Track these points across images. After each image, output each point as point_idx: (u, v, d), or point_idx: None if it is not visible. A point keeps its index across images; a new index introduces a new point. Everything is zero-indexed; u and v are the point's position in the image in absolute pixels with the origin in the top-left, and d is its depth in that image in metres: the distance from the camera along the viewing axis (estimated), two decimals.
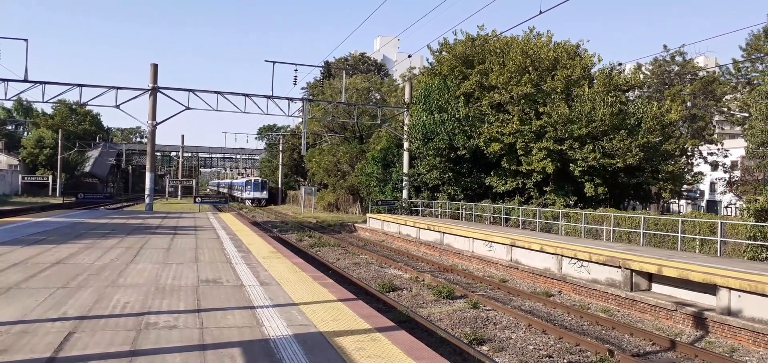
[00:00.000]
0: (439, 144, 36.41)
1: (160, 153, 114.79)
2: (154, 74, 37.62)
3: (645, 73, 48.40)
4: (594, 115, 30.18)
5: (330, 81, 70.24)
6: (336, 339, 7.18)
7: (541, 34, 36.95)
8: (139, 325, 7.68)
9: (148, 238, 19.44)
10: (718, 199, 69.15)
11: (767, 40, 40.50)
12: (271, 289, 10.34)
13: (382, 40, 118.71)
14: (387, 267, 23.40)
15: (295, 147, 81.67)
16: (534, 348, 12.04)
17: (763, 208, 19.53)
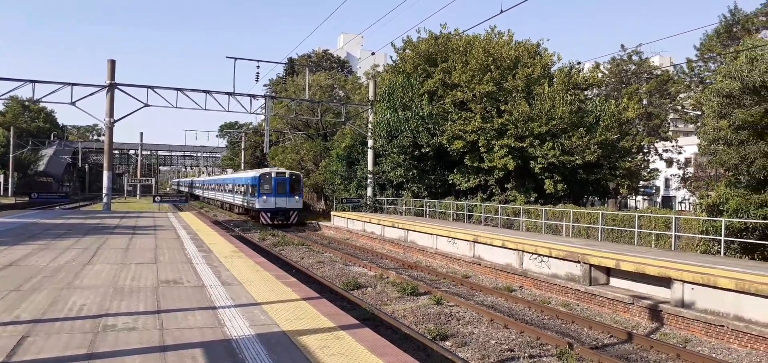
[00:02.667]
0: (404, 142, 36.55)
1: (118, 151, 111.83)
2: (112, 71, 36.71)
3: (603, 72, 49.48)
4: (554, 113, 30.73)
5: (293, 78, 69.66)
6: (299, 338, 7.16)
7: (503, 33, 37.43)
8: (96, 327, 7.50)
9: (105, 238, 18.98)
10: (672, 195, 71.29)
11: (719, 42, 41.87)
12: (233, 289, 10.23)
13: (346, 37, 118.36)
14: (352, 265, 23.39)
15: (257, 144, 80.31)
16: (496, 342, 12.22)
17: (714, 203, 20.21)
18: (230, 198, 55.78)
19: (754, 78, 18.58)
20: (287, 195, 41.52)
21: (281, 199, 41.39)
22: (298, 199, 42.29)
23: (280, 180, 41.60)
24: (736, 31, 40.98)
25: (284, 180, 41.85)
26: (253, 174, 44.48)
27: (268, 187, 41.11)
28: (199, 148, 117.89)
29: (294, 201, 41.91)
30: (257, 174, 42.11)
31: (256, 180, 41.44)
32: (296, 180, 42.64)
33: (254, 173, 43.98)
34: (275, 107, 56.07)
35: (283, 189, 41.64)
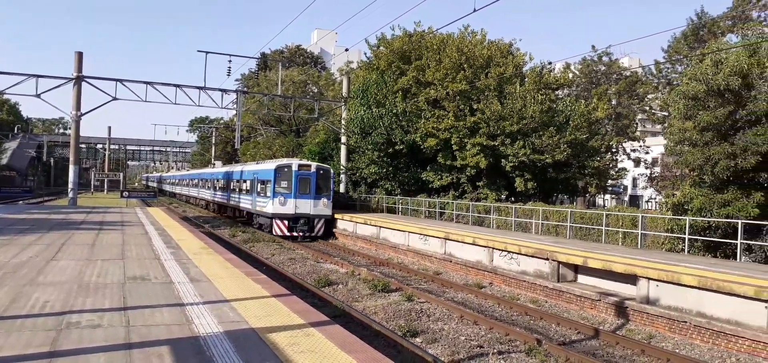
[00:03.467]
0: (377, 138, 36.56)
1: (84, 145, 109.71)
2: (79, 63, 35.91)
3: (574, 73, 50.21)
4: (525, 112, 31.07)
5: (265, 73, 69.11)
6: (269, 335, 7.10)
7: (476, 32, 37.68)
8: (59, 324, 7.34)
9: (71, 233, 18.57)
10: (640, 193, 72.74)
11: (686, 44, 42.82)
12: (201, 286, 10.10)
13: (320, 33, 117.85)
14: (323, 262, 23.32)
15: (229, 140, 79.40)
16: (465, 338, 12.31)
17: (679, 202, 20.69)
18: (222, 198, 44.87)
19: (719, 81, 19.04)
20: (312, 196, 30.63)
21: (304, 202, 30.57)
22: (327, 203, 31.26)
23: (303, 175, 30.60)
24: (702, 35, 41.98)
25: (309, 176, 30.72)
26: (264, 166, 33.92)
27: (286, 184, 30.31)
28: (169, 143, 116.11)
29: (321, 205, 30.95)
30: (272, 166, 31.44)
31: (271, 175, 30.77)
32: (325, 176, 31.60)
33: (266, 165, 33.69)
34: (247, 102, 55.57)
35: (307, 188, 30.65)
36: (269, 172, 31.36)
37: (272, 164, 32.11)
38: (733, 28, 38.20)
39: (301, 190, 30.51)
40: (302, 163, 31.91)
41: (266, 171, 32.21)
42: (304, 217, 30.53)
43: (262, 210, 32.25)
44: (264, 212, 32.01)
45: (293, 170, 30.57)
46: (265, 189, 31.65)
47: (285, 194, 30.34)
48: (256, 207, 33.68)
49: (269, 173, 31.25)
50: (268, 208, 31.04)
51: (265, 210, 31.66)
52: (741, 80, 18.85)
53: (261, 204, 32.65)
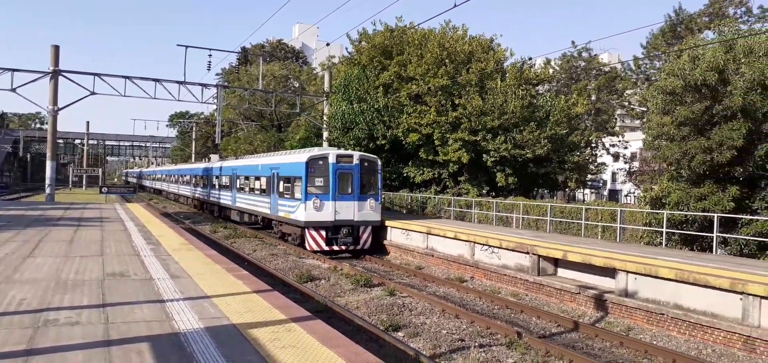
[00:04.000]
0: (359, 134, 36.50)
1: (62, 140, 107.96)
2: (55, 56, 35.33)
3: (554, 68, 50.57)
4: (506, 107, 31.25)
5: (246, 67, 68.59)
6: (250, 331, 7.09)
7: (457, 27, 37.78)
8: (36, 322, 7.25)
9: (48, 230, 18.31)
10: (619, 188, 73.63)
11: (664, 40, 43.39)
12: (182, 282, 10.04)
13: (301, 27, 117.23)
14: (305, 257, 23.26)
15: (209, 135, 78.73)
16: (447, 332, 12.39)
17: (657, 196, 20.97)
18: (227, 198, 36.53)
19: (696, 76, 19.32)
20: (356, 196, 23.81)
21: (346, 206, 23.59)
22: (375, 205, 24.30)
23: (343, 169, 23.69)
24: (680, 31, 42.58)
25: (350, 170, 23.83)
26: (288, 158, 26.59)
27: (321, 182, 23.47)
28: (149, 138, 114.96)
29: (367, 208, 24.07)
30: (302, 158, 24.09)
31: (301, 169, 23.65)
32: (370, 169, 24.59)
33: (292, 157, 26.50)
34: (228, 97, 55.16)
35: (349, 186, 23.84)
36: (298, 166, 24.02)
37: (302, 155, 24.51)
38: (710, 25, 38.80)
39: (341, 188, 23.50)
40: (341, 153, 24.47)
41: (293, 165, 24.85)
42: (347, 225, 23.46)
43: (289, 217, 24.57)
44: (292, 220, 24.36)
45: (330, 163, 23.38)
46: (292, 188, 24.44)
47: (321, 195, 23.15)
48: (279, 212, 25.91)
49: (298, 168, 24.01)
50: (299, 214, 23.48)
51: (294, 217, 24.01)
52: (717, 76, 19.15)
53: (286, 208, 25.00)
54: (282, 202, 25.62)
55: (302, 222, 23.33)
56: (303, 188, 23.32)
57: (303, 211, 23.22)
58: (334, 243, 23.31)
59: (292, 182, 24.53)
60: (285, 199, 25.26)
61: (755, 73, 18.17)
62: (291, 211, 24.49)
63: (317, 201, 23.04)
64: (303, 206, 23.26)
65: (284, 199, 25.32)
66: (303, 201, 23.25)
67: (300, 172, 23.79)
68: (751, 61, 18.70)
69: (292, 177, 24.62)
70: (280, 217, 25.88)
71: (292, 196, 24.47)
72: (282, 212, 25.62)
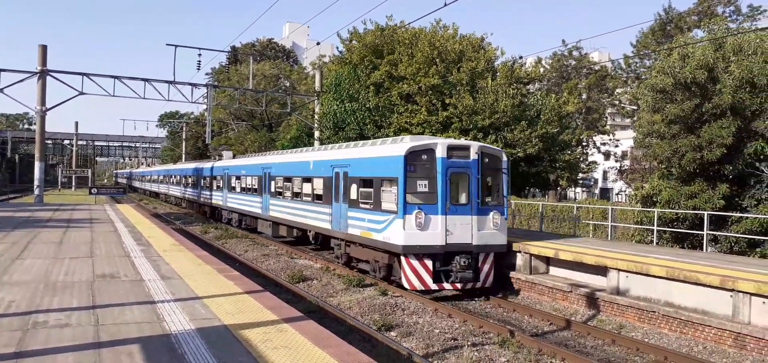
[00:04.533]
0: (350, 133, 36.43)
1: (51, 141, 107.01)
2: (43, 56, 35.01)
3: (545, 67, 50.76)
4: (497, 106, 31.30)
5: (236, 67, 68.37)
6: (241, 332, 7.04)
7: (448, 26, 37.79)
8: (25, 324, 7.17)
9: (37, 231, 18.14)
10: (610, 186, 74.04)
11: (654, 39, 43.63)
12: (173, 284, 9.96)
13: (291, 27, 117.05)
14: (297, 257, 23.18)
15: (199, 135, 78.34)
16: (440, 331, 12.38)
17: (648, 194, 21.10)
18: (251, 204, 29.37)
19: (686, 74, 19.44)
20: (474, 209, 16.05)
21: (461, 221, 15.90)
22: (499, 221, 16.46)
23: (457, 167, 16.07)
24: (669, 30, 42.81)
25: (467, 168, 16.18)
26: (370, 151, 18.28)
27: (426, 185, 15.82)
28: (139, 139, 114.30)
29: (489, 226, 16.30)
30: (399, 150, 16.07)
31: (397, 166, 15.80)
32: (493, 166, 16.80)
33: (378, 150, 17.84)
34: (218, 96, 54.89)
35: (463, 192, 16.31)
36: (392, 162, 15.97)
37: (397, 146, 16.42)
38: (700, 24, 39.04)
39: (453, 196, 15.83)
40: (454, 143, 16.53)
41: (381, 160, 16.81)
42: (463, 251, 15.57)
43: (372, 237, 16.63)
44: (379, 242, 16.31)
45: (438, 157, 15.55)
46: (377, 195, 16.46)
47: (425, 206, 15.36)
48: (351, 229, 17.96)
49: (392, 164, 15.97)
50: (391, 233, 15.61)
51: (383, 237, 16.00)
52: (707, 74, 19.29)
53: (366, 224, 17.02)
54: (357, 215, 17.53)
55: (398, 245, 15.17)
56: (400, 195, 15.22)
57: (399, 230, 15.12)
58: (444, 278, 15.39)
59: (377, 185, 16.50)
60: (363, 211, 17.13)
61: (744, 71, 18.31)
62: (376, 229, 16.31)
63: (420, 214, 15.09)
64: (399, 222, 15.14)
65: (361, 209, 17.24)
66: (400, 214, 15.11)
67: (395, 171, 15.61)
68: (740, 59, 18.84)
69: (378, 178, 16.53)
70: (353, 236, 17.83)
71: (376, 206, 16.47)
72: (357, 229, 17.53)
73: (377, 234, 16.31)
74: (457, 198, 15.94)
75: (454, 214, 15.61)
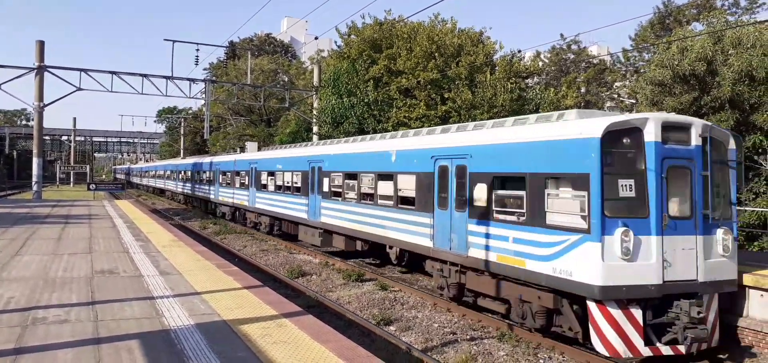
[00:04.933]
0: (349, 128, 36.43)
1: (49, 137, 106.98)
2: (40, 52, 34.96)
3: (543, 61, 50.72)
4: (495, 100, 31.29)
5: (235, 62, 68.26)
6: (241, 327, 7.05)
7: (446, 20, 37.76)
8: (25, 320, 7.17)
9: (36, 228, 18.14)
10: None
11: (653, 32, 43.59)
12: (172, 279, 9.97)
13: (289, 21, 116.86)
14: (296, 253, 23.19)
15: (197, 130, 78.30)
16: (439, 326, 12.40)
17: None
18: (296, 207, 23.30)
19: (684, 67, 19.44)
20: (700, 225, 10.21)
21: (683, 243, 10.03)
22: (730, 242, 10.53)
23: (677, 156, 10.12)
24: (668, 23, 42.77)
25: (689, 158, 10.23)
26: (536, 132, 11.47)
27: (631, 187, 9.88)
28: (137, 134, 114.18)
29: (718, 250, 10.45)
30: (594, 131, 9.80)
31: (587, 155, 9.78)
32: (718, 156, 10.81)
33: (552, 130, 11.01)
34: (216, 92, 54.88)
35: (684, 197, 10.30)
36: (573, 148, 10.29)
37: (580, 125, 10.47)
38: (699, 17, 39.03)
39: (672, 206, 10.28)
40: (670, 119, 10.52)
41: (543, 146, 11.06)
42: (687, 291, 10.05)
43: (536, 267, 10.84)
44: (546, 275, 10.61)
45: (648, 142, 10.01)
46: (539, 202, 10.83)
47: (633, 221, 9.77)
48: (471, 249, 12.67)
49: (571, 151, 10.32)
50: (574, 263, 10.01)
51: (556, 270, 10.36)
52: (706, 66, 19.28)
53: (517, 245, 11.35)
54: (487, 231, 12.10)
55: (591, 285, 9.70)
56: (594, 204, 9.72)
57: (592, 260, 9.71)
58: (656, 336, 9.99)
59: (535, 187, 10.91)
60: (501, 225, 11.71)
61: (743, 63, 18.31)
62: (535, 254, 10.85)
63: (627, 234, 9.68)
64: (592, 248, 9.73)
65: (497, 223, 11.83)
66: (594, 234, 9.69)
67: (580, 164, 10.13)
68: (739, 52, 18.84)
69: (536, 175, 10.94)
70: (476, 260, 12.41)
71: (533, 219, 10.91)
72: (485, 251, 12.17)
73: (537, 263, 10.64)
74: (677, 208, 10.30)
75: (672, 233, 9.94)
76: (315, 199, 21.24)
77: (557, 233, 10.25)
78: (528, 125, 12.62)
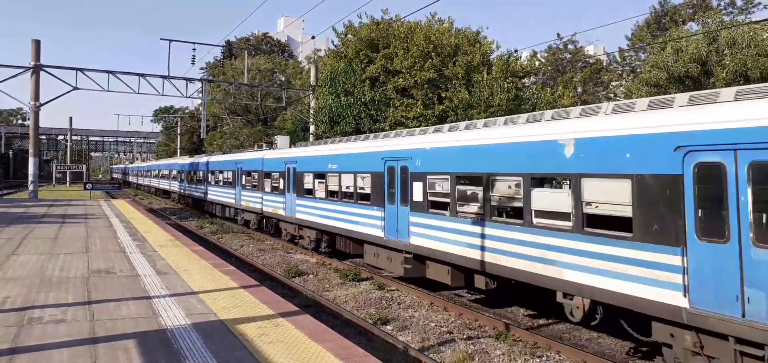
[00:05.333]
0: (346, 128, 36.45)
1: (45, 136, 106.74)
2: (36, 51, 34.89)
3: (540, 61, 50.80)
4: (492, 100, 31.34)
5: (231, 61, 68.22)
6: (237, 326, 7.05)
7: (443, 20, 37.80)
8: (21, 320, 7.16)
9: (32, 227, 18.10)
10: None
11: (649, 32, 43.71)
12: (168, 279, 9.97)
13: (286, 21, 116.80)
14: (293, 252, 23.19)
15: (194, 130, 78.17)
16: (435, 325, 12.42)
17: None
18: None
19: (679, 68, 19.51)
20: None
21: None
22: None
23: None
24: (664, 23, 42.90)
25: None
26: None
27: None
28: (133, 134, 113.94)
29: None
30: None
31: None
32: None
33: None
34: (213, 91, 54.81)
35: None
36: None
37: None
38: (694, 17, 39.14)
39: None
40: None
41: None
42: None
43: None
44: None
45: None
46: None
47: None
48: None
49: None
50: None
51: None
52: (700, 67, 19.35)
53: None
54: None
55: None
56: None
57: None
58: None
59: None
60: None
61: (738, 64, 18.39)
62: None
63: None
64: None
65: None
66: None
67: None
68: (734, 52, 18.91)
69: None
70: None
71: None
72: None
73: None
74: None
75: None
76: (397, 211, 15.57)
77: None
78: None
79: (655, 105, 9.33)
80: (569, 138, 10.19)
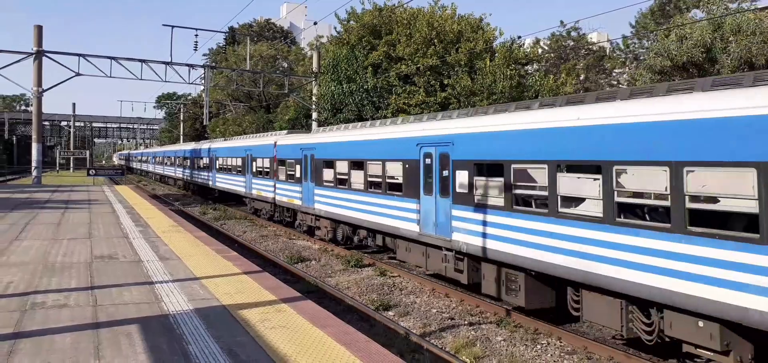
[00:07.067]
0: (348, 115, 36.40)
1: (48, 122, 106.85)
2: (39, 37, 34.83)
3: (543, 48, 50.53)
4: (495, 87, 31.22)
5: (234, 48, 68.03)
6: (240, 312, 7.08)
7: (446, 6, 37.58)
8: (24, 305, 7.20)
9: (35, 213, 18.16)
10: None
11: (653, 19, 43.40)
12: (171, 264, 10.00)
13: (289, 7, 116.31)
14: (295, 239, 23.24)
15: (197, 116, 78.09)
16: (437, 311, 12.46)
17: None
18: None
19: (682, 55, 19.39)
20: None
21: None
22: None
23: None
24: (668, 10, 42.58)
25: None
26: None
27: None
28: (136, 120, 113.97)
29: None
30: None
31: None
32: None
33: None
34: (215, 78, 54.67)
35: None
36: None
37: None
38: (699, 4, 38.84)
39: None
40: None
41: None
42: None
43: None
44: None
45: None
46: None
47: None
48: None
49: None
50: None
51: None
52: (704, 54, 19.22)
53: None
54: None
55: None
56: None
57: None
58: None
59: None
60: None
61: (743, 50, 18.26)
62: None
63: None
64: None
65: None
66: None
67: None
68: (739, 39, 18.78)
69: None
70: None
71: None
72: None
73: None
74: None
75: None
76: (436, 203, 13.59)
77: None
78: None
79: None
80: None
